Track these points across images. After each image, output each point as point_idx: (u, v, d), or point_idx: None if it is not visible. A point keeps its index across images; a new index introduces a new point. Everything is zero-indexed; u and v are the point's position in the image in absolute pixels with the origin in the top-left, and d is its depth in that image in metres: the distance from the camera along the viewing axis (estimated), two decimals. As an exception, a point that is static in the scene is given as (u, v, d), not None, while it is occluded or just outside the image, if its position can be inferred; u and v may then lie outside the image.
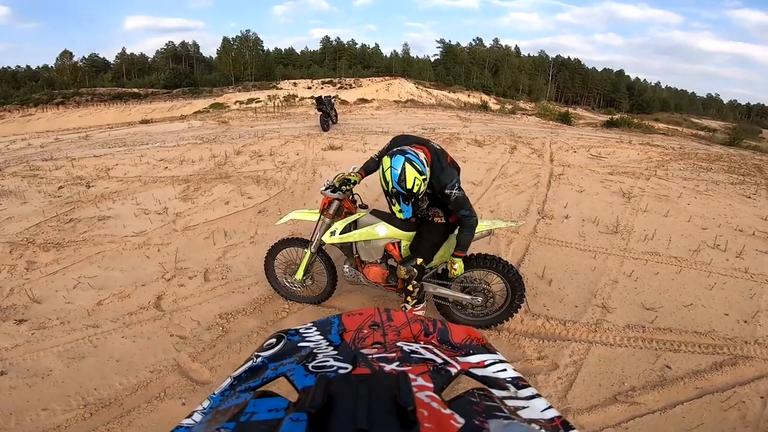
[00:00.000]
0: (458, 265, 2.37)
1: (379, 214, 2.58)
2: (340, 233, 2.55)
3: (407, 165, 2.01)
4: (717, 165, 7.94)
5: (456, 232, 2.42)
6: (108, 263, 3.52)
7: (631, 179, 6.23)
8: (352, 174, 2.55)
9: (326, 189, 2.57)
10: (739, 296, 3.14)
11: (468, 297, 2.59)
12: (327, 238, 2.58)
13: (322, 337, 0.74)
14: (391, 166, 2.05)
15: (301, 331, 0.79)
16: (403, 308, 2.48)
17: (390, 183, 2.08)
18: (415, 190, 2.07)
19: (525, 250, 3.79)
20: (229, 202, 4.90)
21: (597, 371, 2.33)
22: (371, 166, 2.61)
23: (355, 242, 2.59)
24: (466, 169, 6.43)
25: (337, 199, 2.54)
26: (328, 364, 0.61)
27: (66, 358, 2.44)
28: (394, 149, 2.12)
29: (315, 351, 0.68)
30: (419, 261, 2.37)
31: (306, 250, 2.73)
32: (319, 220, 2.64)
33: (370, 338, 0.73)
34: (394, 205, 2.46)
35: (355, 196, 2.71)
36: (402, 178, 2.03)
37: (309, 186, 5.49)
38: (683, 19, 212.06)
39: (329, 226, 2.60)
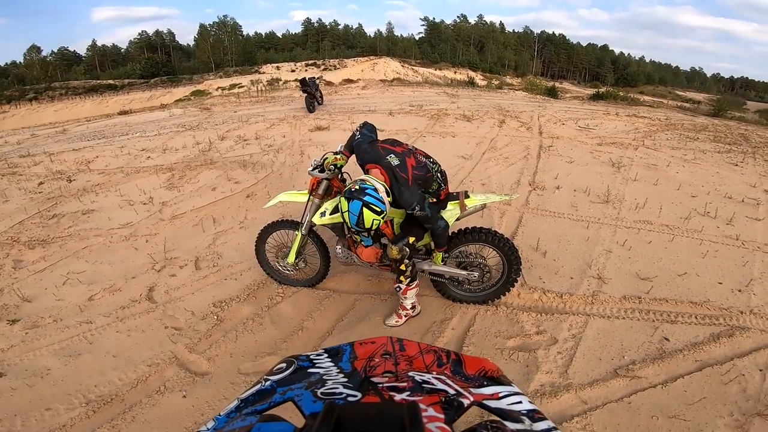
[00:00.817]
0: (437, 257, 2.46)
1: None
2: (331, 213, 2.51)
3: (365, 210, 2.03)
4: (703, 135, 8.00)
5: (447, 208, 2.44)
6: (96, 257, 3.43)
7: (619, 149, 6.25)
8: (338, 157, 2.48)
9: (314, 169, 2.53)
10: (732, 264, 3.17)
11: (464, 272, 2.57)
12: (317, 219, 2.55)
13: (332, 364, 0.74)
14: (349, 211, 2.07)
15: (311, 357, 0.78)
16: (398, 288, 2.45)
17: (349, 223, 2.12)
18: (374, 227, 2.10)
19: (518, 221, 3.79)
20: (216, 188, 4.79)
21: (596, 345, 2.34)
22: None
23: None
24: (455, 143, 6.41)
25: (326, 178, 2.50)
26: (337, 391, 0.61)
27: (63, 356, 2.39)
28: (353, 190, 2.06)
29: (325, 377, 0.67)
30: (411, 240, 2.34)
31: (297, 232, 2.68)
32: (308, 201, 2.60)
33: (382, 367, 0.72)
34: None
35: (344, 175, 2.66)
36: (360, 221, 2.06)
37: (297, 167, 5.39)
38: None
39: (319, 207, 2.56)
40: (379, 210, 2.04)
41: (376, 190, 2.04)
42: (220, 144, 6.85)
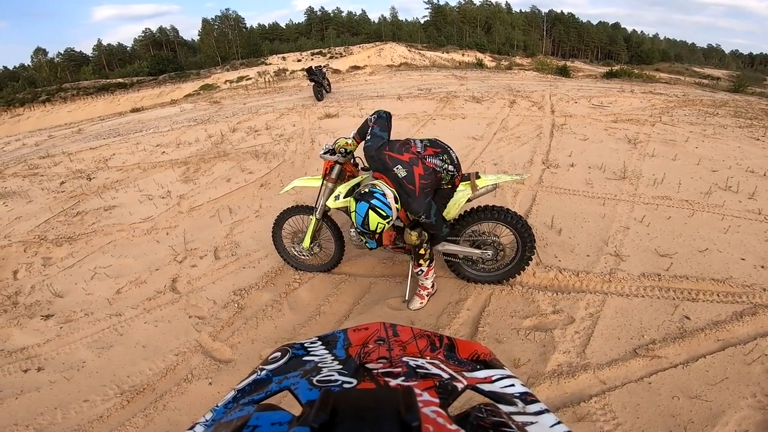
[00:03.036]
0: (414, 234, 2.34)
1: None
2: (345, 196, 2.52)
3: (371, 212, 2.02)
4: (723, 110, 7.72)
5: (459, 190, 2.44)
6: (120, 251, 3.54)
7: (635, 126, 6.09)
8: (349, 142, 2.49)
9: (325, 153, 2.54)
10: (755, 239, 3.07)
11: (478, 251, 2.56)
12: (331, 203, 2.55)
13: (327, 352, 0.74)
14: (356, 211, 2.06)
15: (306, 345, 0.79)
16: (419, 272, 2.47)
17: (355, 223, 2.11)
18: (378, 230, 2.09)
19: (532, 200, 3.75)
20: (231, 179, 4.87)
21: (614, 324, 2.31)
22: (367, 130, 2.54)
23: None
24: (465, 125, 6.36)
25: (338, 162, 2.51)
26: (332, 378, 0.61)
27: (96, 349, 2.49)
28: (362, 192, 2.06)
29: (320, 365, 0.68)
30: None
31: (311, 216, 2.72)
32: (321, 185, 2.62)
33: (376, 353, 0.72)
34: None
35: (357, 159, 2.67)
36: (365, 223, 2.05)
37: (308, 155, 5.43)
38: None
39: (333, 191, 2.57)
40: (384, 215, 2.03)
41: (384, 195, 2.03)
42: (232, 136, 6.92)
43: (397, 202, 2.10)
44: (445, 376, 0.62)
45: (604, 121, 6.42)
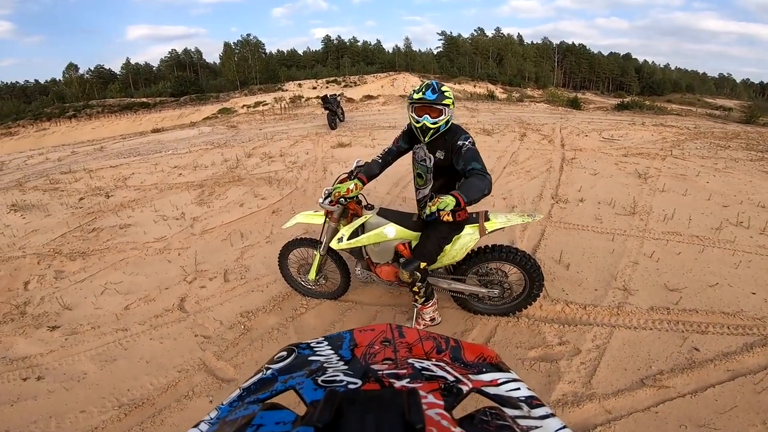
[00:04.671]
0: (444, 199, 1.86)
1: (386, 214, 2.49)
2: (348, 239, 2.46)
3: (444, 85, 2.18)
4: (735, 143, 7.72)
5: (466, 233, 2.35)
6: (132, 269, 3.61)
7: (646, 160, 6.11)
8: (351, 188, 2.33)
9: (324, 201, 2.46)
10: (766, 274, 3.05)
11: (484, 290, 2.54)
12: (335, 245, 2.50)
13: (333, 352, 0.74)
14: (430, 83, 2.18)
15: (312, 345, 0.79)
16: (414, 306, 2.47)
17: (422, 91, 2.14)
18: (446, 94, 2.13)
19: (541, 235, 3.75)
20: (244, 204, 4.97)
21: (621, 355, 2.30)
22: (374, 170, 2.47)
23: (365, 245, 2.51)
24: (476, 159, 6.39)
25: (336, 210, 2.46)
26: (337, 378, 0.61)
27: (99, 361, 2.53)
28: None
29: (325, 365, 0.68)
30: (422, 265, 2.30)
31: (316, 252, 2.70)
32: (324, 222, 2.59)
33: (381, 354, 0.72)
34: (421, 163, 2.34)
35: (360, 197, 2.57)
36: (440, 85, 2.16)
37: (320, 184, 5.52)
38: (684, 0, 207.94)
39: (336, 231, 2.53)
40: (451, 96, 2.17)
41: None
42: (247, 161, 7.11)
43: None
44: (451, 378, 0.62)
45: (615, 155, 6.46)
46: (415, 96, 2.15)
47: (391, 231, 2.42)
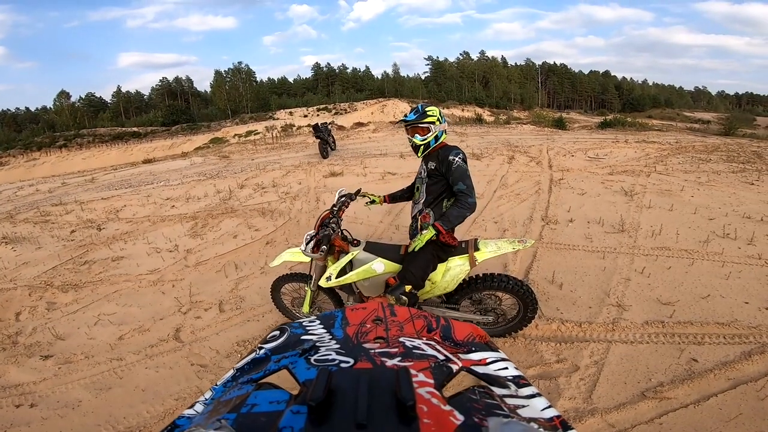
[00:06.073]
0: (425, 233, 2.14)
1: (373, 249, 2.47)
2: (336, 277, 2.42)
3: (437, 108, 2.35)
4: (716, 155, 7.99)
5: (456, 264, 2.35)
6: (125, 300, 3.57)
7: (631, 177, 6.27)
8: (376, 200, 2.77)
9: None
10: (757, 283, 3.12)
11: (479, 317, 2.54)
12: (323, 283, 2.45)
13: (325, 331, 0.74)
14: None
15: (304, 323, 0.79)
16: None
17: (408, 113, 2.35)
18: (428, 113, 2.30)
19: (533, 256, 3.80)
20: (237, 236, 4.97)
21: (620, 369, 2.31)
22: (400, 194, 2.77)
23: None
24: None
25: (328, 232, 2.36)
26: (330, 357, 0.62)
27: (93, 390, 2.49)
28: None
29: (318, 344, 0.68)
30: (408, 288, 2.28)
31: (306, 288, 2.64)
32: (312, 260, 2.53)
33: (373, 333, 0.72)
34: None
35: (345, 232, 2.57)
36: (425, 106, 2.33)
37: (313, 214, 5.56)
38: (654, 16, 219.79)
39: (324, 269, 2.49)
40: (439, 118, 2.34)
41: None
42: (240, 192, 7.14)
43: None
44: (441, 357, 0.63)
45: (601, 174, 6.63)
46: (405, 119, 2.34)
47: (380, 266, 2.40)
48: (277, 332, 0.77)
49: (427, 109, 2.30)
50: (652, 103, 72.52)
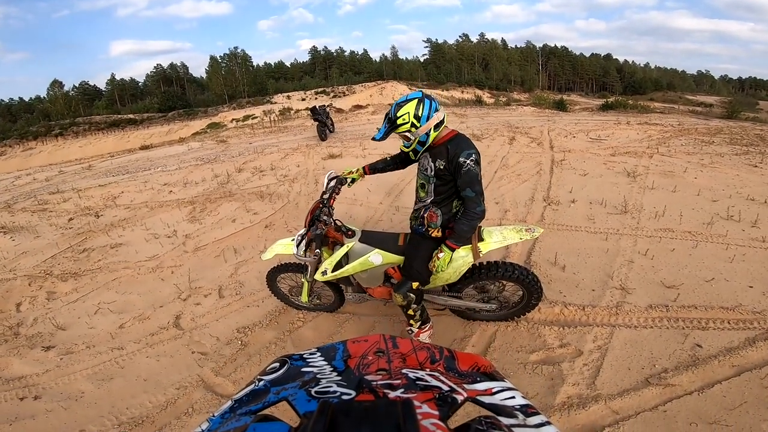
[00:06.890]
0: (442, 256, 2.05)
1: (369, 239, 2.36)
2: (332, 271, 2.32)
3: (416, 103, 1.95)
4: (719, 138, 7.87)
5: (460, 256, 2.21)
6: (125, 288, 3.55)
7: (633, 159, 6.19)
8: (353, 171, 2.55)
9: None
10: (761, 267, 3.07)
11: (482, 305, 2.49)
12: (319, 277, 2.37)
13: (326, 363, 0.73)
14: (405, 96, 2.01)
15: (305, 356, 0.78)
16: (409, 332, 2.39)
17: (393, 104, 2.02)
18: (398, 122, 1.97)
19: (534, 238, 3.75)
20: (236, 220, 4.92)
21: (624, 355, 2.29)
22: (378, 165, 2.54)
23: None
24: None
25: (320, 232, 2.23)
26: (331, 389, 0.61)
27: (96, 380, 2.49)
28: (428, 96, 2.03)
29: (318, 376, 0.67)
30: (415, 285, 2.22)
31: (303, 279, 2.49)
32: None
33: (375, 365, 0.71)
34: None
35: (338, 222, 2.42)
36: (399, 106, 1.98)
37: (312, 197, 5.50)
38: (657, 0, 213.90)
39: (319, 262, 2.36)
40: (417, 115, 1.97)
41: (433, 103, 2.05)
42: (238, 176, 7.06)
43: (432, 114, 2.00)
44: (445, 388, 0.61)
45: (603, 155, 6.54)
46: (374, 138, 2.14)
47: (377, 258, 2.31)
48: (277, 364, 0.76)
49: (398, 114, 1.96)
50: (654, 86, 71.55)
